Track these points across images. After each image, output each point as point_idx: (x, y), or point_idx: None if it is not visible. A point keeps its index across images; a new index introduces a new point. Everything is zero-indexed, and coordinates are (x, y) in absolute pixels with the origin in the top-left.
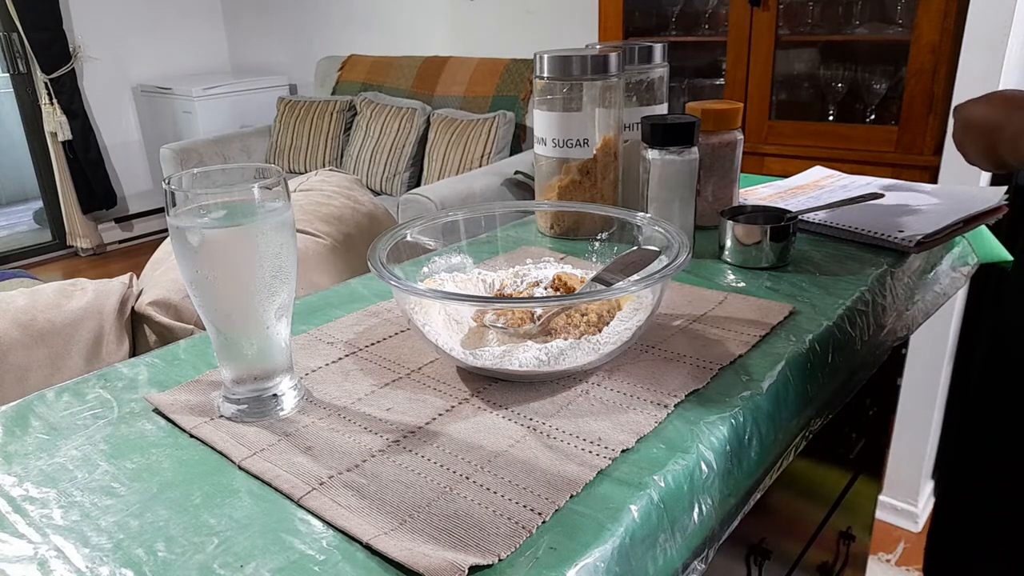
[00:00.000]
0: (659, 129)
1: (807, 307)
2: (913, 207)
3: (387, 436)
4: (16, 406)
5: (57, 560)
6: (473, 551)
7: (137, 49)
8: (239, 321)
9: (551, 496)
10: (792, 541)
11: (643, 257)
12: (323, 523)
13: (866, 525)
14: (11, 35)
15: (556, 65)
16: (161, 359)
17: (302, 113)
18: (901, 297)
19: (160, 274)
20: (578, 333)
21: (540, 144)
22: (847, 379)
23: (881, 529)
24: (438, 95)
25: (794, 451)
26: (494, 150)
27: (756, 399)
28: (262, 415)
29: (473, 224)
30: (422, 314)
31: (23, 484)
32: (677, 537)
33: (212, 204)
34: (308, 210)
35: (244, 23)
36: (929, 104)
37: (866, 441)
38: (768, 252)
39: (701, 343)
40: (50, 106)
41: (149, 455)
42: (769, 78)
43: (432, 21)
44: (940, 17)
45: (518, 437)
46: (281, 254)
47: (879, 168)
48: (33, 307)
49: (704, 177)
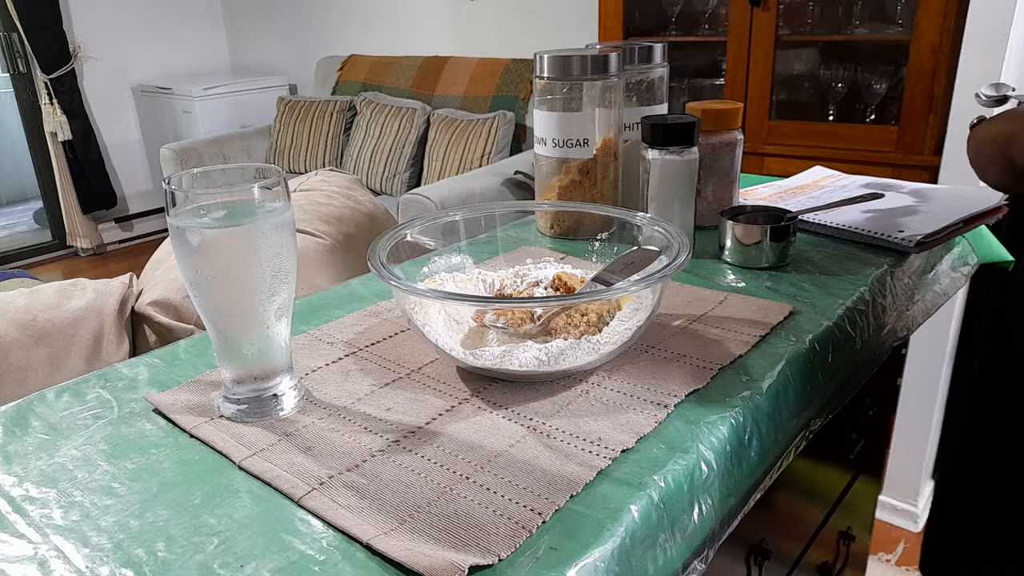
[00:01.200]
0: (659, 129)
1: (807, 307)
2: (913, 207)
3: (387, 436)
4: (16, 406)
5: (57, 560)
6: (473, 551)
7: (137, 49)
8: (239, 321)
9: (551, 496)
10: (792, 541)
11: (643, 257)
12: (323, 523)
13: (866, 525)
14: (11, 35)
15: (556, 65)
16: (161, 359)
17: (302, 113)
18: (901, 297)
19: (160, 274)
20: (578, 333)
21: (540, 144)
22: (847, 379)
23: (881, 529)
24: (438, 95)
25: (794, 451)
26: (494, 150)
27: (756, 399)
28: (262, 415)
29: (473, 224)
30: (422, 314)
31: (23, 484)
32: (677, 537)
33: (212, 204)
34: (308, 210)
35: (244, 23)
36: (929, 104)
37: (866, 441)
38: (768, 252)
39: (701, 343)
40: (50, 106)
41: (149, 455)
42: (769, 78)
43: (432, 21)
44: (940, 17)
45: (518, 437)
46: (281, 254)
47: (879, 168)
48: (33, 307)
49: (704, 177)
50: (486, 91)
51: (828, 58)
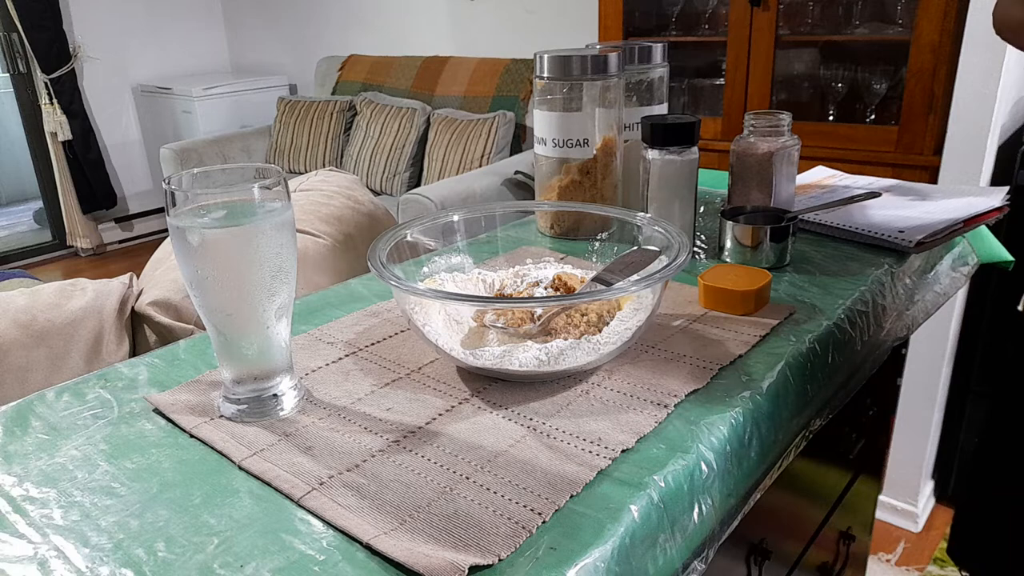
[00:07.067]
0: (659, 129)
1: (807, 307)
2: (913, 207)
3: (387, 436)
4: (16, 406)
5: (57, 560)
6: (473, 551)
7: (137, 49)
8: (239, 321)
9: (551, 496)
10: (792, 541)
11: (643, 257)
12: (323, 523)
13: (866, 525)
14: (11, 35)
15: (556, 65)
16: (161, 359)
17: (302, 113)
18: (901, 297)
19: (160, 274)
20: (578, 333)
21: (540, 144)
22: (847, 379)
23: (881, 529)
24: (438, 95)
25: (794, 451)
26: (494, 150)
27: (756, 399)
28: (262, 415)
29: (473, 224)
30: (422, 314)
31: (23, 484)
32: (677, 537)
33: (212, 204)
34: (308, 210)
35: (244, 23)
36: (929, 104)
37: (866, 441)
38: (768, 252)
39: (701, 343)
40: (50, 106)
41: (149, 455)
42: (769, 78)
43: (432, 21)
44: (940, 17)
45: (518, 437)
46: (281, 254)
47: (879, 168)
48: (33, 307)
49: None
50: (486, 91)
51: (828, 58)
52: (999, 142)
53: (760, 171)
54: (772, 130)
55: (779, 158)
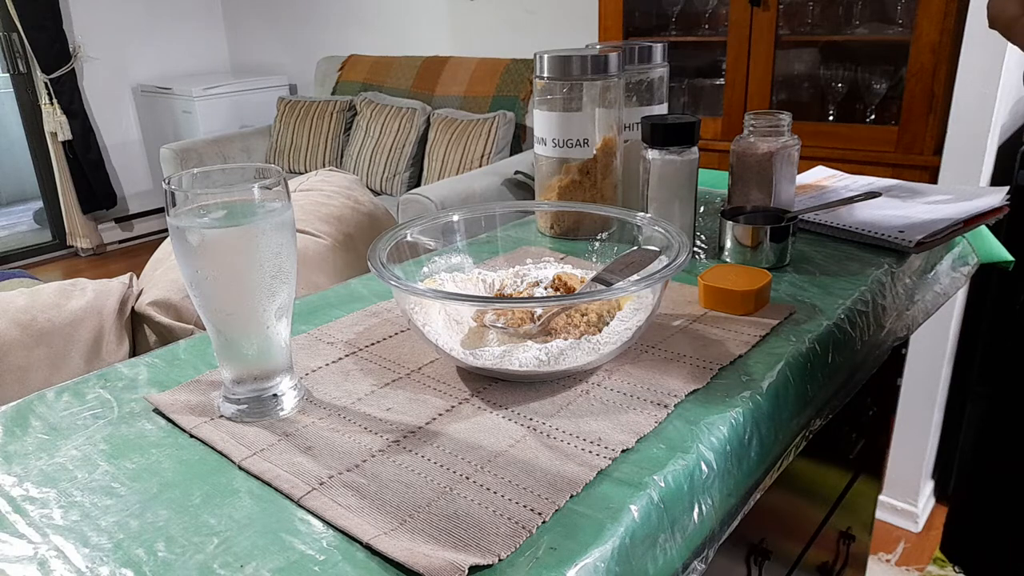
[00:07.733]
0: (659, 129)
1: (807, 307)
2: (913, 207)
3: (387, 436)
4: (16, 406)
5: (57, 560)
6: (473, 551)
7: (137, 49)
8: (239, 321)
9: (551, 496)
10: (792, 541)
11: (643, 257)
12: (323, 523)
13: (866, 525)
14: (11, 35)
15: (556, 65)
16: (161, 359)
17: (302, 113)
18: (901, 297)
19: (160, 274)
20: (578, 333)
21: (540, 144)
22: (847, 379)
23: (881, 529)
24: (438, 95)
25: (794, 451)
26: (494, 150)
27: (756, 399)
28: (262, 415)
29: (473, 224)
30: (422, 314)
31: (23, 484)
32: (677, 537)
33: (212, 204)
34: (308, 210)
35: (244, 23)
36: (929, 104)
37: (866, 441)
38: (768, 252)
39: (701, 343)
40: (50, 106)
41: (149, 455)
42: (769, 78)
43: (432, 21)
44: (940, 17)
45: (518, 437)
46: (281, 254)
47: (879, 168)
48: (33, 307)
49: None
50: (486, 91)
51: (828, 58)
52: (999, 142)
53: (760, 171)
54: (772, 130)
55: (779, 158)
